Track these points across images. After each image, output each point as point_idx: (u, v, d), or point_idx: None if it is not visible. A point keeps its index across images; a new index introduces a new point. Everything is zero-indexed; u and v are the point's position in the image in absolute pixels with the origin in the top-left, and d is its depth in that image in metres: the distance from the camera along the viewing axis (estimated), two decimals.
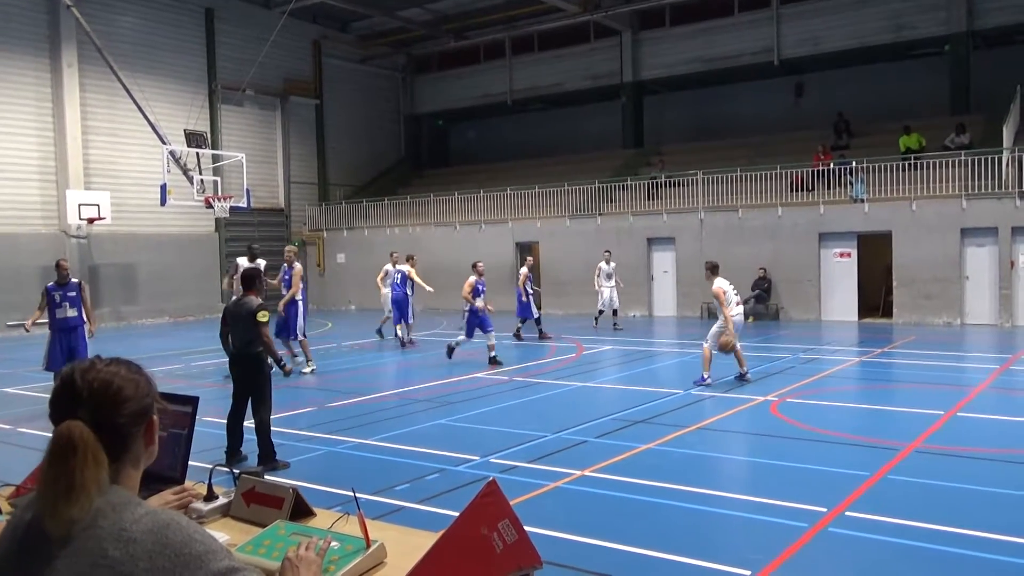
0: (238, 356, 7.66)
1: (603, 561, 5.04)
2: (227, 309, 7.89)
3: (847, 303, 20.59)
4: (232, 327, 7.75)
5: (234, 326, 7.72)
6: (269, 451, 7.48)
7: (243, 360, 7.64)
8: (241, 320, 7.64)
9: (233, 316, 7.74)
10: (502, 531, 2.08)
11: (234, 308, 7.80)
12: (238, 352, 7.64)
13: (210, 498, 2.70)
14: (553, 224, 24.76)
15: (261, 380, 7.63)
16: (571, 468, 7.16)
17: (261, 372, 7.63)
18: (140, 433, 1.67)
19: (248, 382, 7.65)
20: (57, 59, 22.65)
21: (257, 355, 7.61)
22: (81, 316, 10.76)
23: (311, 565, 1.95)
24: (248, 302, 7.72)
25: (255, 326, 7.53)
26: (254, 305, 7.66)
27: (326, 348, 16.96)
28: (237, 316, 7.69)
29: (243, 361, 7.65)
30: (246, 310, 7.64)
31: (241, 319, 7.64)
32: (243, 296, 7.85)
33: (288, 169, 29.69)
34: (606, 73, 29.39)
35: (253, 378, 7.61)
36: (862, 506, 5.95)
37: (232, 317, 7.76)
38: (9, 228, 21.71)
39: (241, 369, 7.69)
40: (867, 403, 10.52)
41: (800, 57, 25.77)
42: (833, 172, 21.21)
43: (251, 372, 7.62)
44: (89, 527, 1.51)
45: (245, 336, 7.60)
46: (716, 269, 11.66)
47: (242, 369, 7.68)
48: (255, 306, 7.64)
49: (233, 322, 7.75)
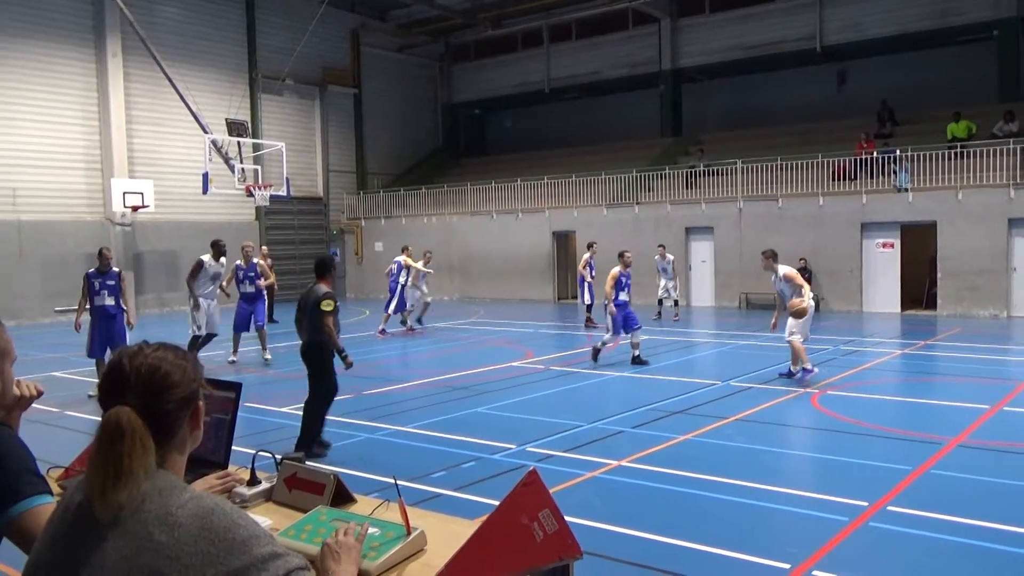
0: (305, 343, 7.65)
1: (640, 552, 5.02)
2: (301, 297, 7.83)
3: (890, 294, 20.25)
4: (302, 314, 7.70)
5: (303, 313, 7.66)
6: (307, 437, 7.44)
7: (308, 347, 7.63)
8: (308, 308, 7.57)
9: (303, 303, 7.69)
10: (542, 520, 2.07)
11: (305, 295, 7.73)
12: (305, 339, 7.62)
13: (253, 483, 2.73)
14: (590, 213, 24.65)
15: (320, 368, 7.57)
16: (608, 458, 7.14)
17: (322, 360, 7.57)
18: (186, 418, 1.69)
19: (310, 369, 7.64)
20: (102, 49, 23.02)
21: (320, 343, 7.56)
22: (119, 305, 10.72)
23: (351, 551, 1.97)
24: (316, 290, 7.62)
25: (319, 315, 7.46)
26: (320, 293, 7.57)
27: (363, 336, 17.10)
28: (306, 303, 7.62)
29: (308, 348, 7.63)
30: (313, 298, 7.57)
31: (308, 307, 7.57)
32: (314, 283, 7.76)
33: (327, 158, 29.92)
34: (644, 61, 29.11)
35: (313, 366, 7.60)
36: (904, 501, 5.86)
37: (302, 304, 7.71)
38: (56, 216, 22.17)
39: (306, 356, 7.67)
40: (910, 396, 10.35)
41: (843, 44, 25.27)
42: (876, 161, 20.82)
43: (313, 360, 7.60)
44: (136, 511, 1.54)
45: (311, 324, 7.55)
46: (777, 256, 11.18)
47: (307, 356, 7.66)
48: (321, 294, 7.54)
49: (302, 310, 7.70)
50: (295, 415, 9.22)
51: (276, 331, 18.75)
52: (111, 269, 10.83)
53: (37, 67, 21.81)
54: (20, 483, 2.05)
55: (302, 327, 7.67)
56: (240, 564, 1.51)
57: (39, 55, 21.85)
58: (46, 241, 21.59)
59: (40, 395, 2.48)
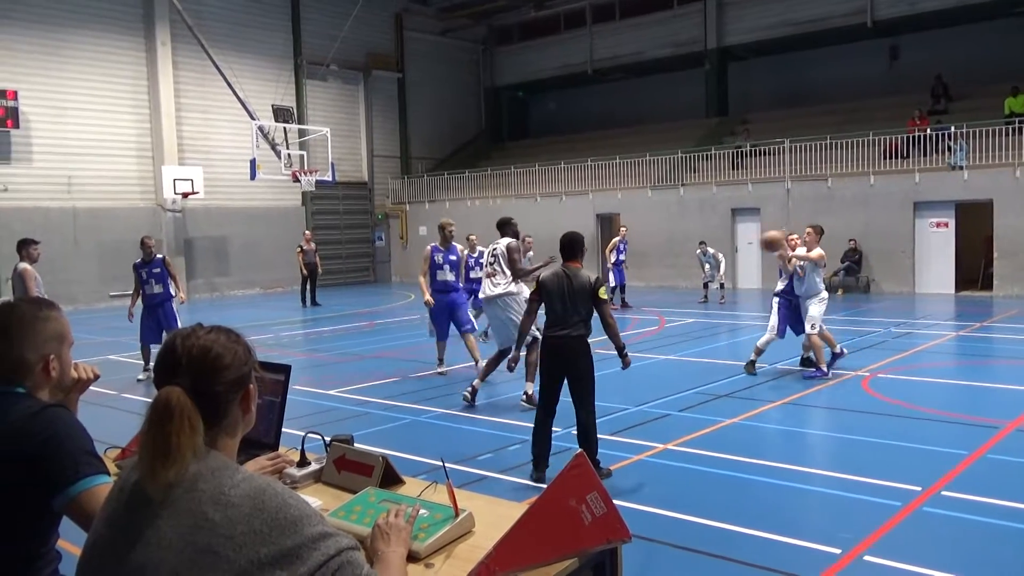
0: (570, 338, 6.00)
1: (688, 535, 4.99)
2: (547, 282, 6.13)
3: (943, 275, 19.76)
4: (549, 303, 6.10)
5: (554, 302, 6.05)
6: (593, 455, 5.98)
7: (576, 343, 6.00)
8: (573, 295, 6.00)
9: (558, 289, 6.04)
10: (590, 503, 2.07)
11: (555, 280, 6.09)
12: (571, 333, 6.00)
13: (303, 464, 2.77)
14: (634, 195, 24.45)
15: (591, 369, 6.05)
16: (654, 441, 7.10)
17: (590, 359, 6.06)
18: (237, 401, 1.71)
19: (578, 372, 6.00)
20: (152, 38, 23.42)
21: (582, 338, 6.05)
22: (168, 291, 10.83)
23: (400, 532, 1.98)
24: (580, 274, 6.08)
25: (599, 304, 6.01)
26: (591, 278, 6.06)
27: (408, 319, 17.22)
28: (566, 289, 6.01)
29: (576, 344, 6.00)
30: (579, 283, 6.01)
31: (573, 293, 6.00)
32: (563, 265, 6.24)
33: (371, 143, 30.11)
34: (689, 40, 28.68)
35: (583, 366, 6.00)
36: (959, 486, 5.73)
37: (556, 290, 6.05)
38: (110, 203, 22.68)
39: (572, 355, 6.00)
40: (965, 379, 10.10)
41: (895, 18, 24.55)
42: (929, 138, 20.27)
43: (583, 358, 6.02)
44: (190, 490, 1.56)
45: (579, 315, 6.01)
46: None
47: (574, 354, 6.00)
48: (592, 279, 6.06)
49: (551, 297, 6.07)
50: (342, 397, 9.36)
51: (319, 314, 19.00)
52: (155, 257, 10.94)
53: (90, 58, 22.28)
54: (79, 464, 2.11)
55: (561, 318, 6.02)
56: (292, 543, 1.54)
57: (92, 46, 22.31)
58: (100, 228, 22.11)
59: (97, 378, 2.54)
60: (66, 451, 2.10)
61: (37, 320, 2.27)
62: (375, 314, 18.83)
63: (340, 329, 16.14)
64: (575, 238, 6.30)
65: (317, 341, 15.02)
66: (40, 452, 2.07)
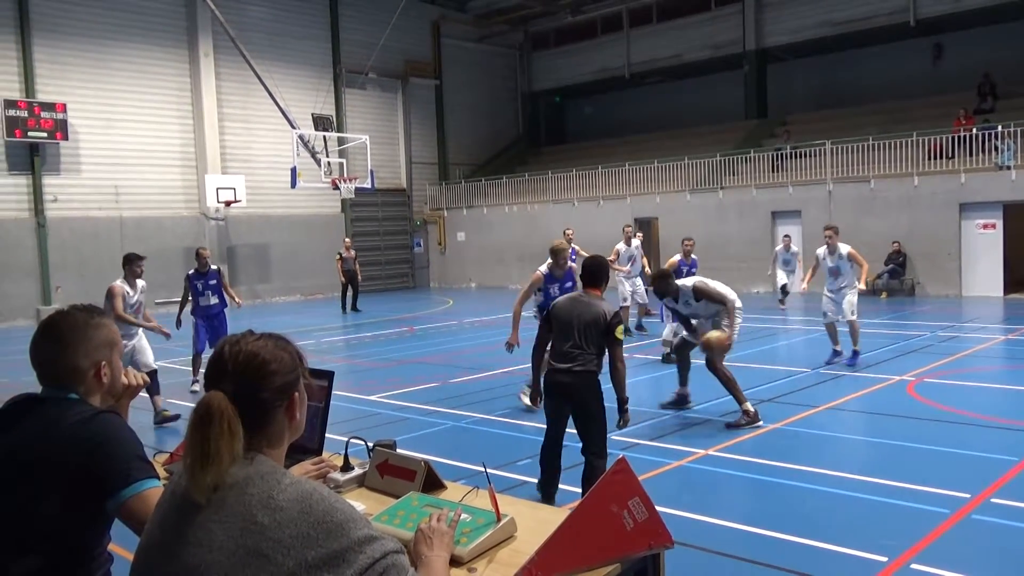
0: (574, 374, 5.27)
1: (732, 543, 4.94)
2: (560, 308, 5.44)
3: (991, 278, 19.32)
4: (558, 331, 5.38)
5: (563, 331, 5.35)
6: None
7: (583, 380, 5.28)
8: (584, 327, 5.28)
9: (567, 316, 5.36)
10: (632, 509, 2.07)
11: (568, 306, 5.42)
12: (577, 368, 5.27)
13: (346, 469, 2.81)
14: (673, 199, 24.29)
15: (601, 411, 5.37)
16: (695, 447, 7.05)
17: (600, 401, 5.37)
18: (282, 407, 1.73)
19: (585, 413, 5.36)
20: (195, 49, 23.85)
21: (592, 375, 5.32)
22: (223, 302, 10.95)
23: (443, 536, 2.00)
24: (594, 304, 5.36)
25: (612, 344, 5.29)
26: (608, 311, 5.31)
27: (447, 325, 17.30)
28: (575, 318, 5.31)
29: (582, 382, 5.29)
30: (593, 315, 5.30)
31: (583, 325, 5.29)
32: (582, 293, 5.57)
33: (409, 149, 30.32)
34: (727, 42, 28.44)
35: (592, 407, 5.34)
36: (1010, 493, 5.60)
37: (565, 317, 5.37)
38: (155, 212, 23.13)
39: (578, 393, 5.31)
40: (1014, 384, 9.85)
41: (939, 16, 24.08)
42: (976, 138, 19.86)
43: (592, 399, 5.34)
44: (240, 494, 1.59)
45: (587, 347, 5.29)
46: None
47: (580, 393, 5.31)
48: (610, 313, 5.31)
49: (561, 326, 5.37)
50: (384, 403, 9.44)
51: (360, 320, 19.17)
52: (210, 268, 10.98)
53: (136, 70, 22.76)
54: (130, 468, 2.15)
55: (568, 352, 5.29)
56: (338, 546, 1.56)
57: (137, 59, 22.79)
58: (146, 236, 22.53)
59: (146, 384, 2.60)
60: (118, 456, 2.16)
61: (89, 327, 2.33)
62: (415, 319, 18.94)
63: (380, 335, 16.27)
64: (601, 263, 5.61)
65: (357, 347, 15.15)
66: (93, 456, 2.13)
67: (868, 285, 10.68)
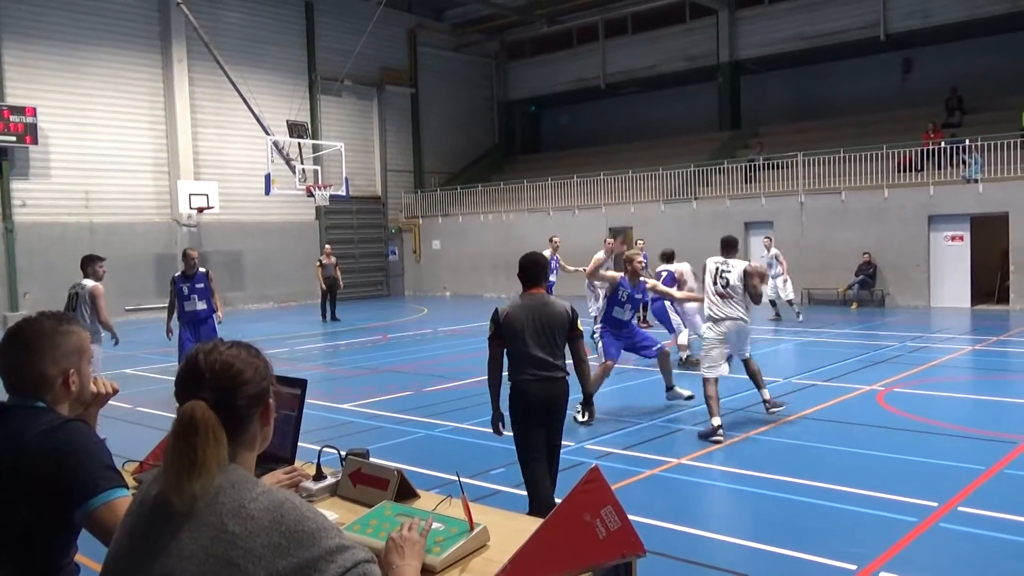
0: (543, 378, 5.03)
1: (704, 551, 4.97)
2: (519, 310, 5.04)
3: (959, 289, 19.63)
4: (522, 340, 4.99)
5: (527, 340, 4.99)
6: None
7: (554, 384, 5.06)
8: (546, 326, 5.00)
9: (525, 320, 4.99)
10: (604, 518, 2.08)
11: (526, 309, 5.04)
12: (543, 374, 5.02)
13: (319, 478, 2.79)
14: (647, 209, 24.45)
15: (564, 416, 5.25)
16: (667, 456, 7.09)
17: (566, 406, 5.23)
18: (257, 415, 1.74)
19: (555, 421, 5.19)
20: (168, 55, 23.66)
21: (565, 381, 5.12)
22: (210, 308, 10.34)
23: (414, 545, 2.00)
24: (553, 303, 5.07)
25: (573, 340, 5.11)
26: (565, 307, 5.06)
27: (421, 333, 17.25)
28: (535, 320, 4.98)
29: (553, 385, 5.06)
30: (555, 312, 5.02)
31: (544, 325, 4.99)
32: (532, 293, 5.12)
33: (385, 157, 30.26)
34: (702, 54, 28.72)
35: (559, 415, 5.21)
36: (977, 501, 5.68)
37: (523, 321, 4.99)
38: (126, 217, 22.87)
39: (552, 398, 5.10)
40: (981, 394, 10.03)
41: (908, 31, 24.50)
42: (944, 151, 20.20)
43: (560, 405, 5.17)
44: (211, 503, 1.59)
45: (558, 349, 5.07)
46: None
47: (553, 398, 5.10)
48: (568, 309, 5.06)
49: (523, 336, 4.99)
50: (357, 412, 9.39)
51: (334, 328, 19.06)
52: (198, 271, 10.32)
53: (108, 75, 22.54)
54: (98, 477, 2.13)
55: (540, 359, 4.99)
56: (310, 556, 1.55)
57: (110, 63, 22.57)
58: (117, 242, 22.24)
59: (116, 393, 2.57)
60: (86, 465, 2.13)
61: (57, 334, 2.30)
62: (389, 328, 18.87)
63: (354, 343, 16.19)
64: (538, 260, 5.19)
65: (332, 355, 15.07)
66: (60, 467, 2.10)
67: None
